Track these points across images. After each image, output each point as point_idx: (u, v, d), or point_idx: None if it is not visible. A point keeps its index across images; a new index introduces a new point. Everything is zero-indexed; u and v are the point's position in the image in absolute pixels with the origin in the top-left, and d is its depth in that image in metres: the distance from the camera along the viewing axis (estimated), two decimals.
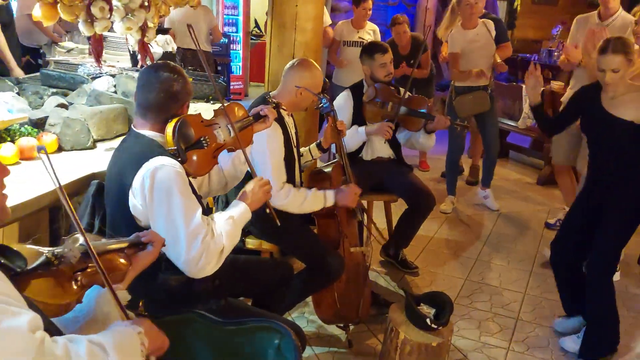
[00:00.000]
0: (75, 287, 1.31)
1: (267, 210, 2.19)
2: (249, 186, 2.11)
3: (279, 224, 2.19)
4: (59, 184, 1.33)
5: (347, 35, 5.29)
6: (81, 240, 1.39)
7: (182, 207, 1.84)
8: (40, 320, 1.10)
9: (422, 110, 3.48)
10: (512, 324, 3.21)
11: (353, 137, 3.46)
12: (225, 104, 2.21)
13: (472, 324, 3.18)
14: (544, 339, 3.09)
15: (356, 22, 5.31)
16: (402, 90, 3.55)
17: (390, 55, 3.56)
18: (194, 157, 1.99)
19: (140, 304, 1.87)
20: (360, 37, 5.19)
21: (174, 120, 1.96)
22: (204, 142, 1.99)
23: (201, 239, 1.84)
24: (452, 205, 4.93)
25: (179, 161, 1.92)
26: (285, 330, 1.81)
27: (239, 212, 2.04)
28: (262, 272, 2.44)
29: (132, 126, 2.07)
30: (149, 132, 2.01)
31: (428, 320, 2.42)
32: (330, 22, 5.55)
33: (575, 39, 4.11)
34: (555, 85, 5.66)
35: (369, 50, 3.59)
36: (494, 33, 4.54)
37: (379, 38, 5.31)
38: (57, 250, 1.34)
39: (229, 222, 1.98)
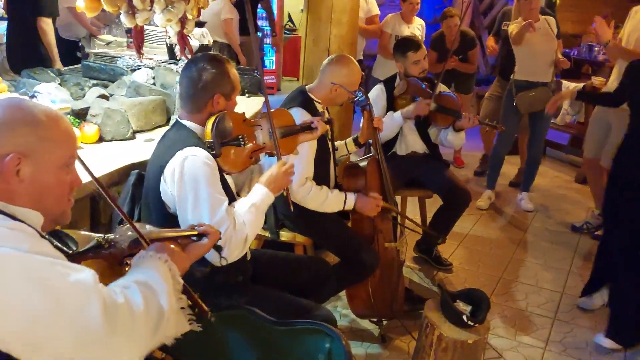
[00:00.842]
0: (125, 270, 1.34)
1: (284, 193, 2.17)
2: (271, 170, 2.09)
3: (292, 210, 2.19)
4: (98, 181, 1.36)
5: (398, 30, 5.20)
6: (131, 229, 1.41)
7: (209, 197, 1.86)
8: (97, 276, 1.15)
9: (451, 108, 3.44)
10: (549, 324, 3.15)
11: (389, 124, 3.42)
12: (273, 109, 2.21)
13: (508, 323, 3.13)
14: (581, 339, 3.03)
15: (405, 17, 5.24)
16: (436, 83, 3.51)
17: (423, 52, 3.51)
18: (229, 153, 2.00)
19: None
20: (412, 33, 5.13)
21: (216, 115, 1.99)
22: (241, 140, 2.00)
23: (223, 231, 1.83)
24: (489, 200, 4.86)
25: (212, 154, 1.94)
26: (336, 335, 1.78)
27: (261, 197, 2.02)
28: (301, 270, 2.43)
29: (178, 117, 2.10)
30: (189, 123, 2.04)
31: (464, 317, 2.39)
32: (377, 12, 5.45)
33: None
34: (597, 81, 5.53)
35: (401, 47, 3.53)
36: (555, 30, 4.45)
37: (424, 33, 5.27)
38: (109, 236, 1.38)
39: (251, 211, 1.97)
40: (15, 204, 1.19)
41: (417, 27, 5.24)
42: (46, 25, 4.28)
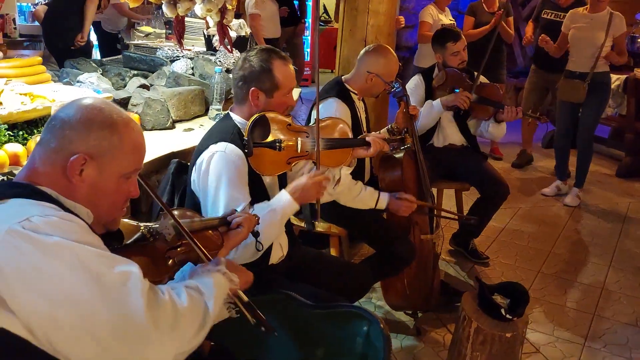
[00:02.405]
0: (168, 264, 1.36)
1: (316, 207, 2.06)
2: (301, 180, 1.98)
3: (318, 222, 2.11)
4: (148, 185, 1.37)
5: (438, 19, 5.16)
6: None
7: (226, 197, 1.85)
8: (141, 271, 1.16)
9: (493, 99, 3.38)
10: (589, 320, 3.09)
11: (428, 113, 3.38)
12: (329, 120, 2.17)
13: (546, 318, 3.09)
14: (622, 336, 2.96)
15: (440, 5, 5.25)
16: (475, 74, 3.46)
17: (463, 43, 3.45)
18: (262, 155, 1.94)
19: None
20: (451, 20, 5.10)
21: (258, 114, 1.95)
22: (277, 145, 1.92)
23: None
24: (557, 190, 4.88)
25: (245, 153, 1.92)
26: (374, 318, 1.76)
27: (282, 205, 1.93)
28: (343, 276, 2.35)
29: (230, 107, 2.12)
30: (235, 116, 2.05)
31: (503, 311, 2.36)
32: None
33: None
34: None
35: (440, 38, 3.47)
36: (618, 28, 4.36)
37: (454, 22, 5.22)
38: (153, 226, 1.39)
39: (268, 216, 1.88)
40: (71, 198, 1.22)
41: (449, 15, 5.23)
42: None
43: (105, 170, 1.24)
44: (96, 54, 5.66)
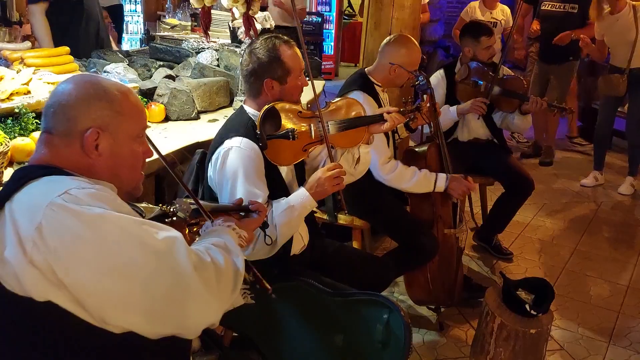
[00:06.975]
0: (187, 233, 1.40)
1: (338, 197, 2.07)
2: (316, 175, 1.98)
3: (346, 212, 2.10)
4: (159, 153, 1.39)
5: (479, 16, 5.14)
6: (191, 200, 1.45)
7: (244, 192, 1.85)
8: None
9: (517, 92, 3.34)
10: (614, 317, 3.05)
11: (443, 117, 3.35)
12: (340, 101, 2.16)
13: (570, 315, 3.04)
14: None
15: (488, 3, 5.26)
16: (498, 67, 3.41)
17: (495, 37, 3.43)
18: (277, 147, 1.93)
19: None
20: (493, 18, 5.07)
21: (267, 106, 1.94)
22: (290, 134, 1.92)
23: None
24: (595, 180, 4.94)
25: (259, 146, 1.91)
26: (394, 306, 1.76)
27: (301, 201, 1.94)
28: (365, 269, 2.35)
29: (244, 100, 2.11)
30: (249, 109, 2.04)
31: (527, 306, 2.33)
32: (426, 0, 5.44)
33: None
34: None
35: (474, 32, 3.41)
36: None
37: (510, 19, 5.19)
38: (170, 207, 1.41)
39: (286, 213, 1.91)
40: (94, 177, 1.23)
41: (500, 12, 5.25)
42: (31, 14, 3.46)
43: (118, 138, 1.26)
44: None
